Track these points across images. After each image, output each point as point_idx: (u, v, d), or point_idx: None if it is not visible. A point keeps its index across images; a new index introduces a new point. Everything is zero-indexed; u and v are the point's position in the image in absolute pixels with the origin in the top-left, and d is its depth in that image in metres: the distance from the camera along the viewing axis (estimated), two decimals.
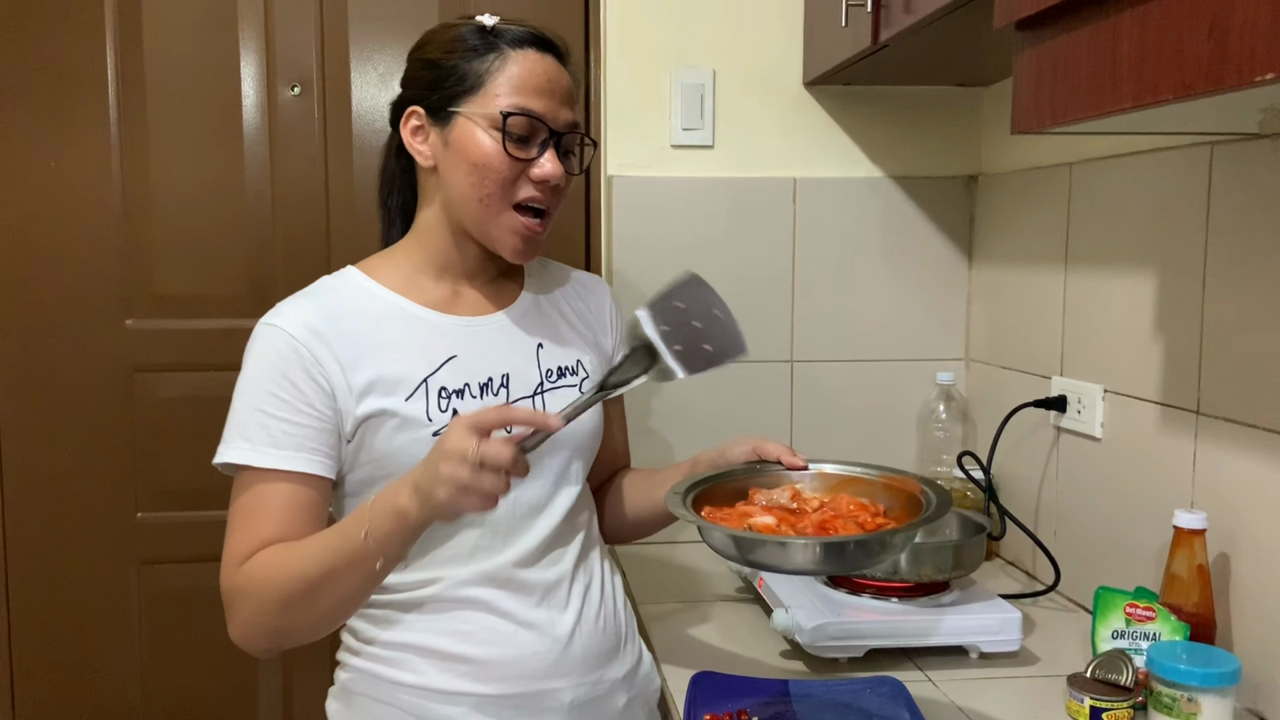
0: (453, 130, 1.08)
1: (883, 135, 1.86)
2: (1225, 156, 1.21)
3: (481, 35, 1.09)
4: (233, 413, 1.07)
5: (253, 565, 1.03)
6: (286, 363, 1.05)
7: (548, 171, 1.08)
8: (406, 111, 1.11)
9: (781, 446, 1.17)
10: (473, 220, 1.10)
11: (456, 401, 1.09)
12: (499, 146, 1.07)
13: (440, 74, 1.09)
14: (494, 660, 1.09)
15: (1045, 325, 1.62)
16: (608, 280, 1.83)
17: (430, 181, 1.13)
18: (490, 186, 1.07)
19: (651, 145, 1.82)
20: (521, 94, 1.07)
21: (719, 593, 1.57)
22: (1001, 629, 1.28)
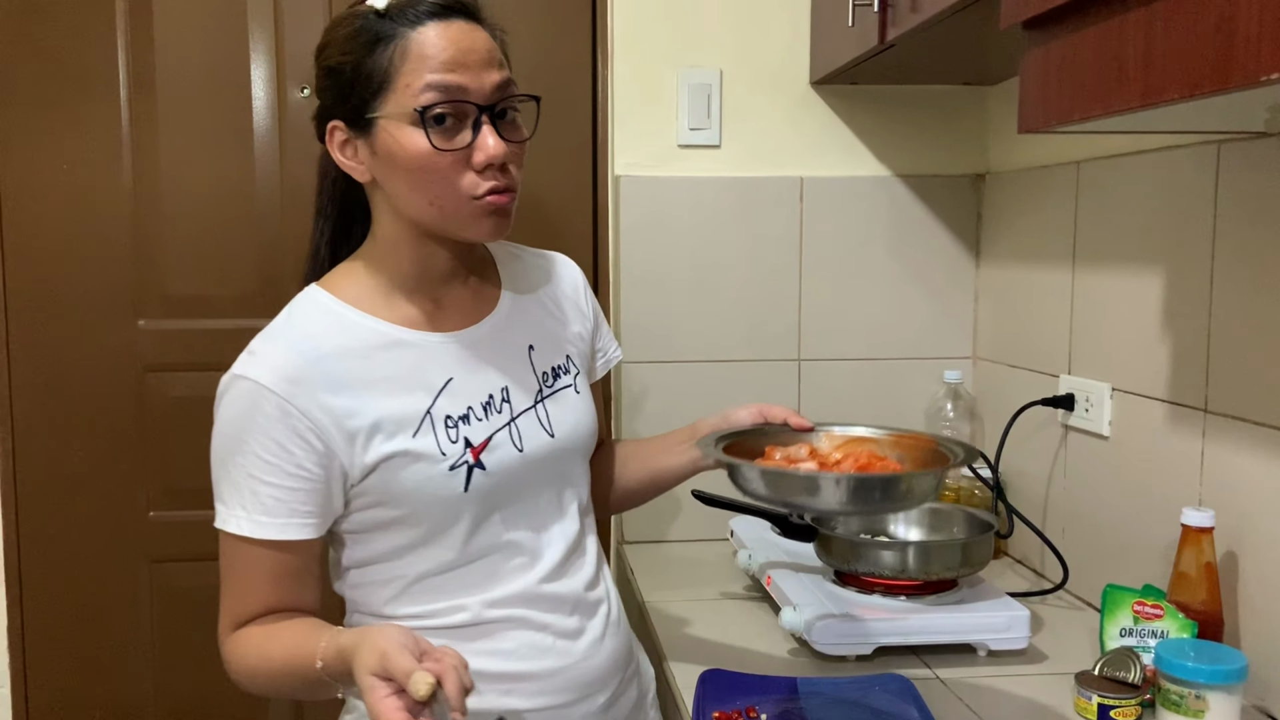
0: (376, 138, 0.97)
1: (890, 134, 1.86)
2: (1232, 155, 1.21)
3: (377, 22, 0.96)
4: (220, 473, 0.99)
5: (237, 642, 1.01)
6: (271, 423, 0.95)
7: (489, 153, 0.96)
8: (328, 126, 1.00)
9: (786, 409, 1.17)
10: (431, 223, 1.00)
11: (464, 429, 1.02)
12: (427, 143, 0.95)
13: (345, 80, 0.97)
14: (540, 674, 1.05)
15: (1053, 323, 1.62)
16: (615, 280, 1.83)
17: (375, 194, 1.03)
18: (436, 188, 0.96)
19: (658, 145, 1.82)
20: (432, 74, 0.94)
21: (727, 591, 1.57)
22: (1010, 626, 1.28)
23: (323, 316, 1.02)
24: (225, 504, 0.98)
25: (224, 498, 0.99)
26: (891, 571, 1.32)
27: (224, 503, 0.99)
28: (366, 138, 0.97)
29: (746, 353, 1.85)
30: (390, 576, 1.03)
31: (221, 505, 0.99)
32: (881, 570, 1.32)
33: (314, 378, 0.97)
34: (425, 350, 1.03)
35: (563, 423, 1.09)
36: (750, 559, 1.53)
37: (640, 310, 1.83)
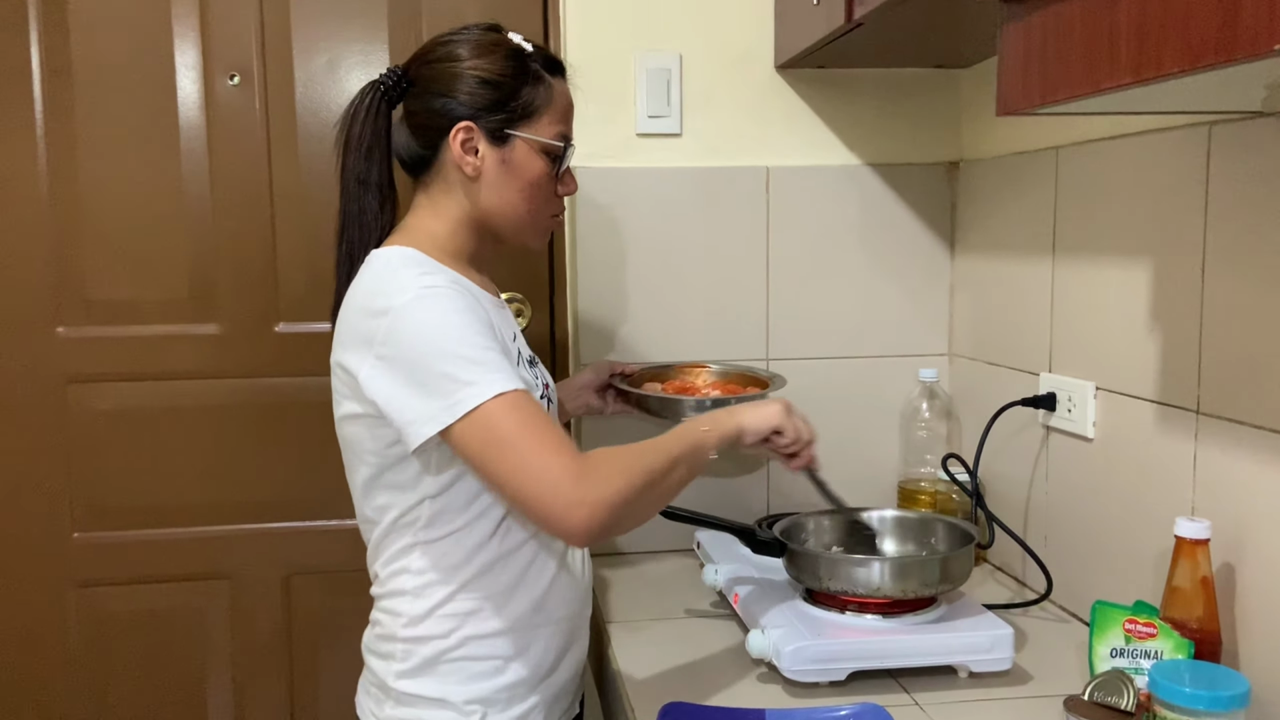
0: (511, 151, 1.17)
1: (859, 120, 1.77)
2: (1225, 137, 1.13)
3: (525, 59, 1.17)
4: (453, 364, 1.04)
5: (599, 452, 1.07)
6: (476, 311, 1.08)
7: (571, 190, 1.25)
8: (459, 125, 1.15)
9: (622, 362, 1.64)
10: (512, 227, 1.21)
11: (535, 369, 1.24)
12: (550, 171, 1.20)
13: (497, 97, 1.15)
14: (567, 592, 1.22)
15: (1032, 318, 1.54)
16: (572, 279, 1.74)
17: (465, 187, 1.18)
18: (538, 203, 1.20)
19: (616, 134, 1.72)
20: (564, 123, 1.21)
21: (693, 608, 1.48)
22: (993, 647, 1.20)
23: (437, 267, 1.13)
24: (484, 377, 1.03)
25: (469, 378, 1.03)
26: (866, 590, 1.22)
27: (482, 377, 1.03)
28: (500, 147, 1.16)
29: (712, 353, 1.75)
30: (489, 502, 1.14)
31: (473, 384, 1.03)
32: (855, 588, 1.23)
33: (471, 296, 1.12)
34: (498, 306, 1.21)
35: (551, 383, 1.30)
36: (717, 574, 1.44)
37: (599, 310, 1.73)
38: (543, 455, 1.02)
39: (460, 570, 1.16)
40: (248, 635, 1.75)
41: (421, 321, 1.06)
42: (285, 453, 1.72)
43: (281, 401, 1.71)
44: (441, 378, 1.04)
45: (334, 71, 1.70)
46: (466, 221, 1.20)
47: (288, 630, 1.76)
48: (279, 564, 1.75)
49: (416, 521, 1.16)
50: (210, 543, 1.73)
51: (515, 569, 1.19)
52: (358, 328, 1.11)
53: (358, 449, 1.17)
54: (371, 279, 1.13)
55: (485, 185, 1.18)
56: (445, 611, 1.16)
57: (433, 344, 1.05)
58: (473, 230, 1.21)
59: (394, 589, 1.19)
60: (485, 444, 1.03)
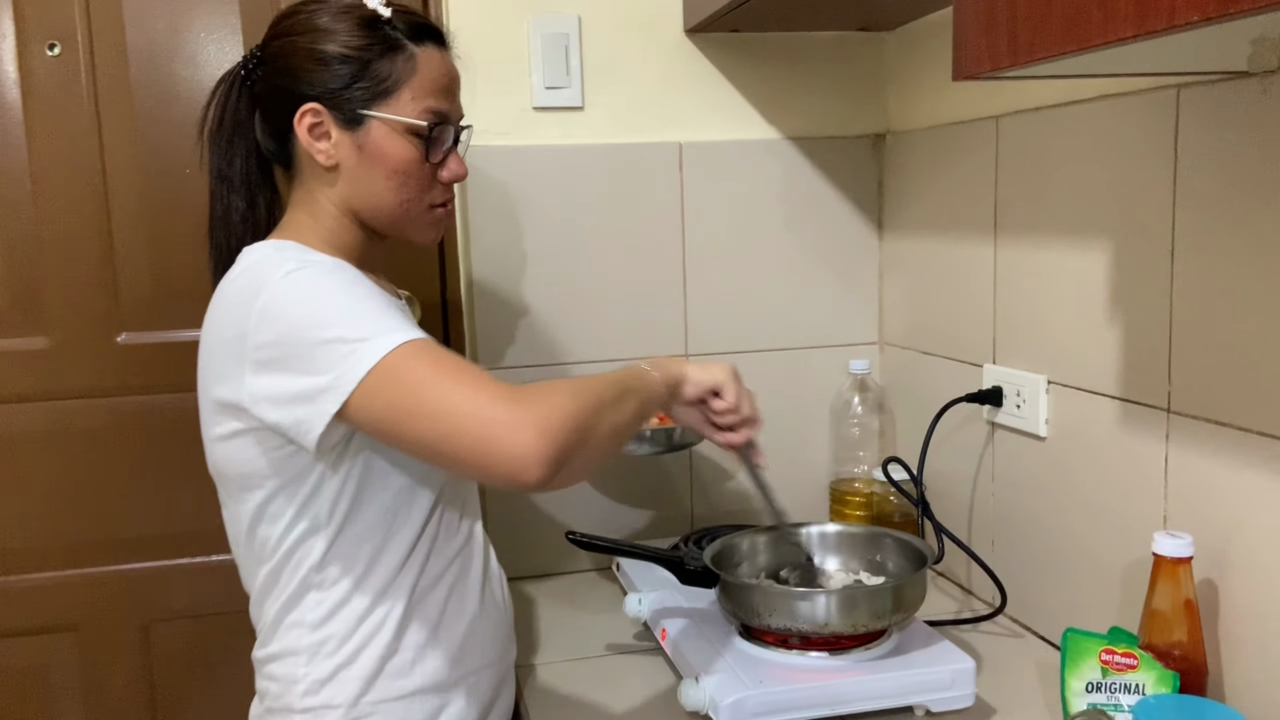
0: (367, 135, 1.01)
1: (777, 90, 1.61)
2: (1196, 102, 1.00)
3: (379, 27, 1.01)
4: (348, 325, 0.90)
5: (538, 384, 0.91)
6: (361, 282, 0.96)
7: (455, 174, 1.07)
8: (303, 109, 1.01)
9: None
10: (386, 220, 1.06)
11: None
12: (419, 154, 1.03)
13: (346, 73, 1.00)
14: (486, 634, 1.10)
15: (972, 305, 1.41)
16: (466, 272, 1.54)
17: (326, 178, 1.04)
18: (409, 192, 1.04)
19: (509, 108, 1.53)
20: (434, 97, 1.03)
21: (615, 643, 1.31)
22: (954, 682, 1.07)
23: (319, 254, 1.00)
24: (377, 331, 0.89)
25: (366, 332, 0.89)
26: (811, 626, 1.08)
27: (373, 333, 0.89)
28: (352, 130, 1.01)
29: (626, 350, 1.58)
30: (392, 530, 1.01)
31: (372, 337, 0.89)
32: (797, 624, 1.08)
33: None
34: (396, 305, 1.02)
35: None
36: (641, 604, 1.27)
37: (497, 308, 1.54)
38: (465, 388, 0.87)
39: (366, 618, 1.00)
40: (100, 695, 1.52)
41: (297, 294, 0.92)
42: (136, 483, 1.49)
43: (128, 423, 1.48)
44: (330, 344, 0.89)
45: (176, 38, 1.46)
46: (341, 217, 1.05)
47: (149, 686, 1.53)
48: (135, 610, 1.52)
49: (308, 558, 0.99)
50: (51, 591, 1.49)
51: (431, 610, 1.03)
52: (225, 337, 0.95)
53: (237, 474, 1.00)
54: (239, 274, 0.98)
55: (345, 175, 1.03)
56: (352, 674, 1.00)
57: (314, 312, 0.91)
58: (351, 226, 1.06)
59: (286, 648, 1.01)
60: (394, 402, 0.88)
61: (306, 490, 0.98)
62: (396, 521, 1.01)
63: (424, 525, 1.03)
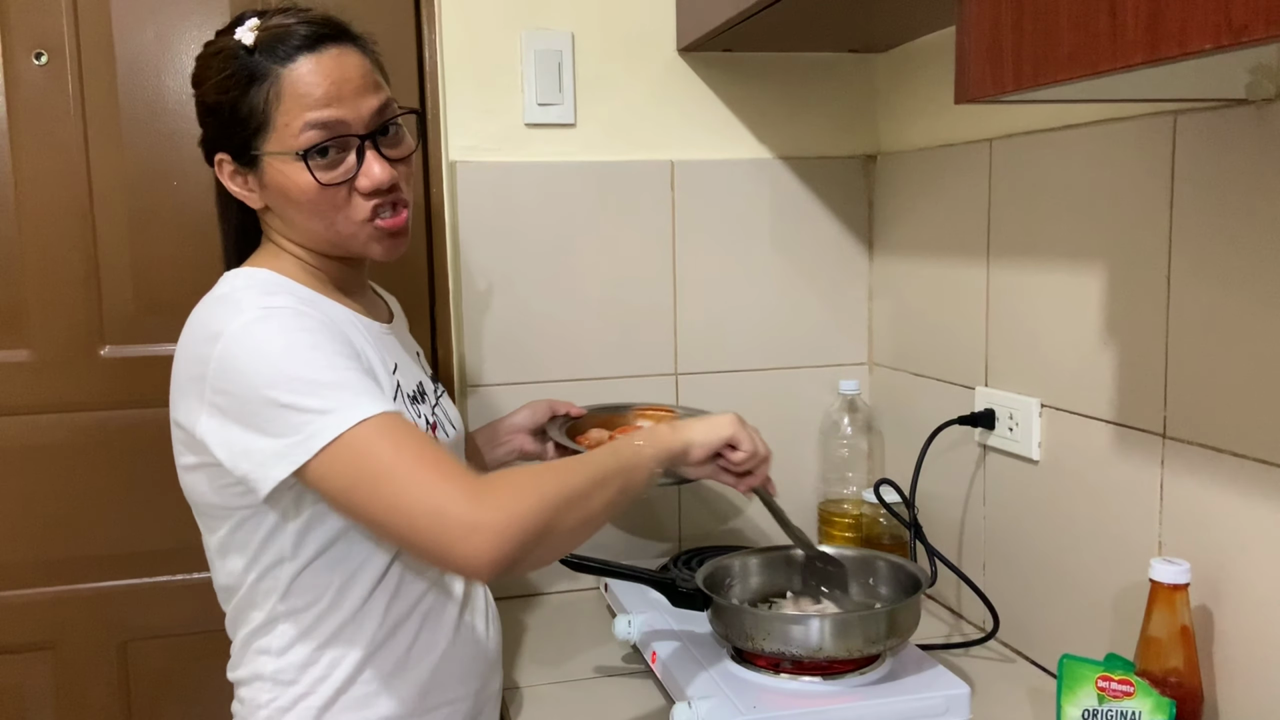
0: (264, 174, 0.98)
1: (769, 109, 1.61)
2: (1193, 128, 1.00)
3: (248, 60, 0.95)
4: (302, 394, 0.87)
5: (499, 478, 0.89)
6: (329, 331, 0.93)
7: (375, 180, 0.98)
8: (216, 159, 1.01)
9: (566, 403, 1.36)
10: (328, 246, 1.02)
11: (419, 406, 1.06)
12: (310, 179, 0.96)
13: (225, 119, 0.98)
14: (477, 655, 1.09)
15: (964, 327, 1.41)
16: (455, 288, 1.53)
17: (271, 219, 1.03)
18: (329, 216, 0.98)
19: (501, 124, 1.52)
20: (310, 112, 0.95)
21: (603, 665, 1.30)
22: (948, 709, 1.06)
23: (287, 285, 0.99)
24: (333, 406, 0.86)
25: (321, 406, 0.86)
26: (804, 651, 1.07)
27: (329, 409, 0.86)
28: (255, 172, 0.99)
29: (615, 368, 1.57)
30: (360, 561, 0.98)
31: (329, 413, 0.86)
32: (790, 648, 1.07)
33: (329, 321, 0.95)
34: (377, 334, 1.05)
35: (455, 422, 1.15)
36: (630, 627, 1.26)
37: (487, 324, 1.53)
38: (426, 477, 0.85)
39: (330, 648, 0.99)
40: (76, 714, 1.49)
41: (256, 347, 0.89)
42: (117, 499, 1.46)
43: (110, 438, 1.45)
44: (288, 410, 0.86)
45: (165, 48, 1.44)
46: (302, 248, 1.04)
47: (125, 705, 1.50)
48: (112, 629, 1.49)
49: (275, 589, 0.98)
50: (28, 608, 1.46)
51: (399, 643, 1.01)
52: (189, 371, 0.93)
53: (201, 504, 0.99)
54: (205, 304, 0.97)
55: (277, 213, 1.01)
56: (313, 702, 0.98)
57: (274, 370, 0.88)
58: (313, 254, 1.04)
59: (253, 673, 1.01)
60: (354, 479, 0.86)
61: (269, 525, 0.96)
62: (364, 554, 0.99)
63: (394, 557, 1.00)
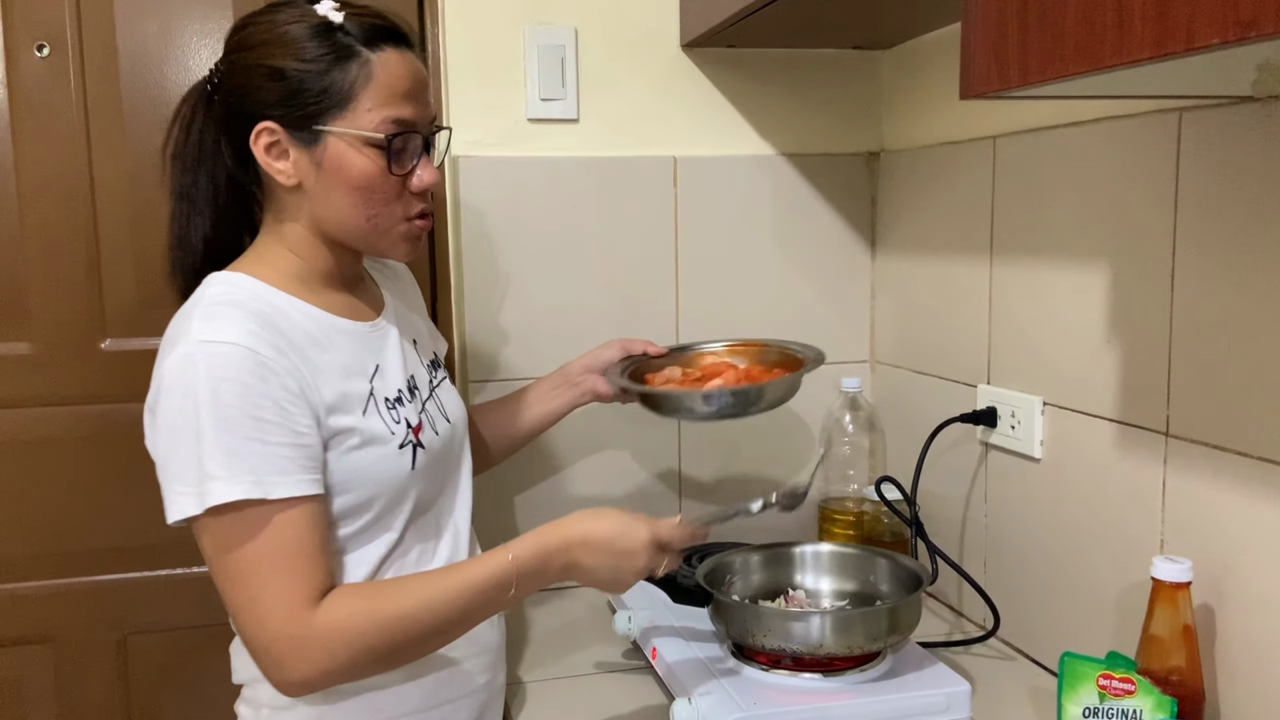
0: (324, 151, 0.96)
1: (772, 106, 1.61)
2: (1198, 126, 1.00)
3: (331, 34, 0.95)
4: (207, 448, 0.88)
5: (336, 611, 0.90)
6: (263, 381, 0.90)
7: (427, 183, 1.01)
8: (258, 128, 0.96)
9: (643, 340, 1.36)
10: (357, 238, 1.02)
11: (402, 410, 1.03)
12: (381, 167, 0.97)
13: (296, 88, 0.95)
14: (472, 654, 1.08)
15: (967, 325, 1.40)
16: (458, 283, 1.52)
17: (292, 199, 1.00)
18: (376, 208, 0.99)
19: (504, 119, 1.51)
20: (394, 105, 0.97)
21: (603, 660, 1.29)
22: (949, 706, 1.06)
23: (265, 297, 0.97)
24: (236, 474, 0.88)
25: (231, 470, 0.88)
26: (805, 647, 1.06)
27: (234, 474, 0.88)
28: (309, 147, 0.97)
29: None
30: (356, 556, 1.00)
31: (233, 477, 0.88)
32: (791, 645, 1.07)
33: (285, 347, 0.93)
34: (357, 337, 1.03)
35: (453, 410, 1.13)
36: (630, 623, 1.26)
37: (490, 319, 1.53)
38: (264, 608, 0.90)
39: None
40: (75, 708, 1.49)
41: (184, 387, 0.89)
42: (117, 492, 1.46)
43: (110, 432, 1.45)
44: (194, 460, 0.89)
45: (168, 40, 1.44)
46: (310, 238, 1.01)
47: (125, 702, 1.50)
48: (112, 623, 1.49)
49: None
50: (27, 601, 1.46)
51: None
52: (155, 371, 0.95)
53: None
54: (184, 308, 0.97)
55: (308, 195, 0.99)
56: (315, 699, 0.98)
57: (192, 415, 0.89)
58: (323, 246, 1.02)
59: (252, 675, 1.01)
60: (218, 554, 0.91)
61: None
62: (360, 549, 0.99)
63: (390, 551, 1.00)
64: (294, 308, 0.98)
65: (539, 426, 1.35)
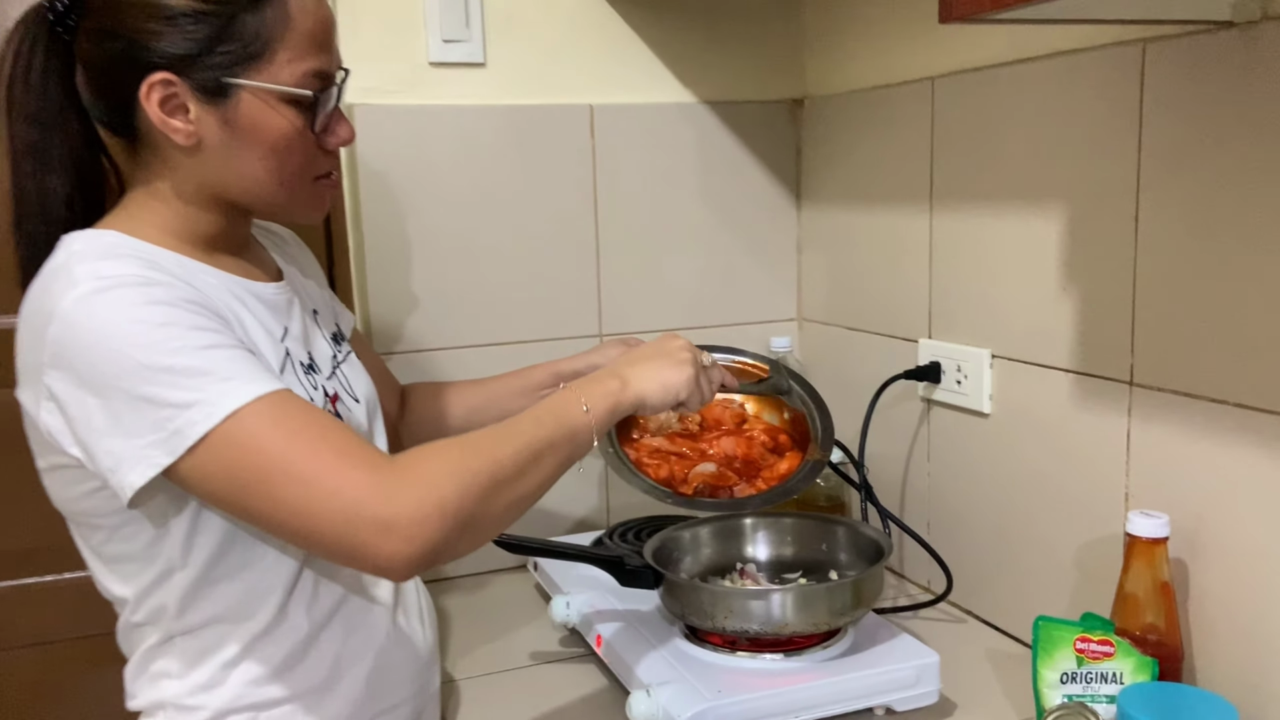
0: (236, 108, 0.83)
1: (692, 50, 1.51)
2: (1165, 57, 0.95)
3: None
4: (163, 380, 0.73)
5: (416, 451, 0.79)
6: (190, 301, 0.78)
7: (343, 138, 0.91)
8: (151, 79, 0.81)
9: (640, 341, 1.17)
10: (264, 202, 0.89)
11: (314, 376, 0.91)
12: (300, 126, 0.86)
13: (203, 34, 0.81)
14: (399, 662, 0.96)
15: (905, 277, 1.34)
16: (357, 246, 1.39)
17: (186, 159, 0.85)
18: (292, 168, 0.88)
19: (403, 63, 1.37)
20: (313, 55, 0.85)
21: (540, 650, 1.19)
22: (918, 680, 1.00)
23: (144, 251, 0.82)
24: (200, 397, 0.73)
25: (188, 396, 0.73)
26: (767, 627, 0.99)
27: (196, 400, 0.73)
28: (216, 104, 0.83)
29: (535, 330, 1.46)
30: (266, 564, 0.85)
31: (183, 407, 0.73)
32: (752, 625, 0.99)
33: (193, 293, 0.80)
34: (264, 300, 0.90)
35: (361, 387, 1.01)
36: (569, 608, 1.16)
37: (392, 286, 1.39)
38: (327, 467, 0.74)
39: (240, 666, 0.86)
40: None
41: (95, 330, 0.74)
42: None
43: None
44: (143, 404, 0.73)
45: None
46: (200, 200, 0.87)
47: None
48: None
49: (168, 603, 0.84)
50: None
51: (325, 653, 0.89)
52: (26, 359, 0.78)
53: (68, 510, 0.85)
54: (40, 278, 0.80)
55: (209, 156, 0.85)
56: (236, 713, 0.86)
57: (120, 357, 0.74)
58: (213, 209, 0.88)
59: (154, 701, 0.87)
60: (237, 480, 0.74)
61: (151, 531, 0.82)
62: (271, 556, 0.86)
63: (306, 554, 0.88)
64: (187, 266, 0.85)
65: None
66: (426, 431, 1.19)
